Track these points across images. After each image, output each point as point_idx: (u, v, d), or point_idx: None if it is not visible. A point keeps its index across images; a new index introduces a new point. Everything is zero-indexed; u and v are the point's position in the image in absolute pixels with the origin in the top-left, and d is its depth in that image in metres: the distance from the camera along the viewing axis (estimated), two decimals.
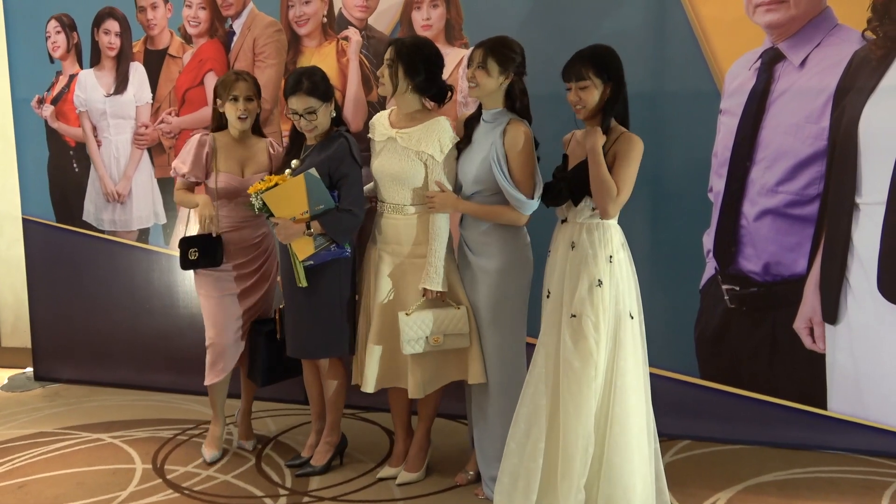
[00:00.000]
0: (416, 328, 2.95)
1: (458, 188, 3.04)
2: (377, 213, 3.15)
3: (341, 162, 3.03)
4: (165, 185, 4.37)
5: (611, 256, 2.71)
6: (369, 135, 3.16)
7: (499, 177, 2.87)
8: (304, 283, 3.06)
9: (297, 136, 3.21)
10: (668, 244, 3.64)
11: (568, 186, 2.76)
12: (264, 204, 3.00)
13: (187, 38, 4.28)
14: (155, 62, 4.34)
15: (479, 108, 3.03)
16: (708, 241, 3.61)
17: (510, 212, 2.93)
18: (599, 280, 2.67)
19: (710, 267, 3.62)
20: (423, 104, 3.05)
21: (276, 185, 2.98)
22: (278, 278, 3.38)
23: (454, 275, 3.06)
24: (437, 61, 3.01)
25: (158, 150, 4.41)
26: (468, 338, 3.00)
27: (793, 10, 3.37)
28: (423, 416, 3.26)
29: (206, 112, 4.11)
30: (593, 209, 2.72)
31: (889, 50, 3.31)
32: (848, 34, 3.34)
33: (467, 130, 3.04)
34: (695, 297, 3.64)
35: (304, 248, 3.02)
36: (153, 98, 4.38)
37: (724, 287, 3.60)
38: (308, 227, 2.99)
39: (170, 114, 4.35)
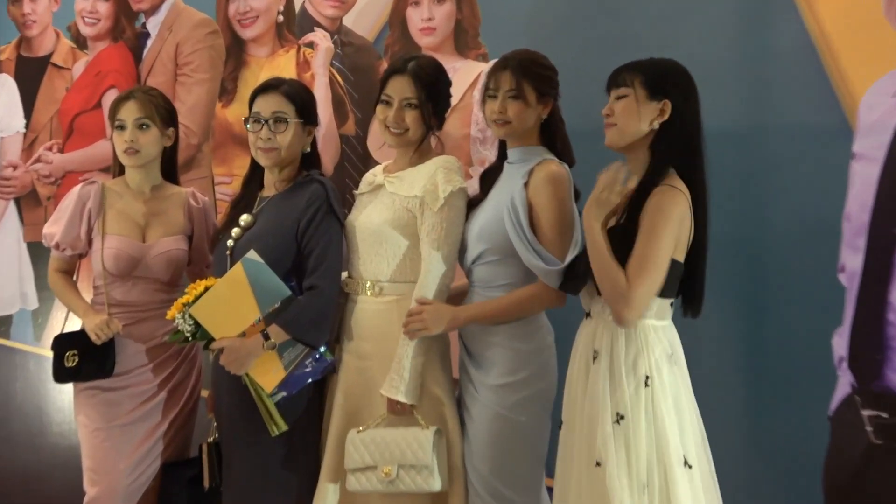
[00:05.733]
0: (364, 453, 2.54)
1: (461, 252, 2.70)
2: (347, 299, 2.78)
3: (315, 216, 2.63)
4: (39, 252, 3.80)
5: (647, 377, 2.30)
6: (356, 191, 2.89)
7: (511, 230, 2.44)
8: (283, 428, 2.59)
9: (251, 182, 2.83)
10: (777, 348, 3.01)
11: (587, 263, 2.33)
12: (196, 325, 2.56)
13: (80, 42, 3.90)
14: (32, 74, 3.97)
15: (499, 156, 2.67)
16: (840, 344, 2.93)
17: (537, 293, 2.44)
18: (620, 414, 2.30)
19: (845, 382, 2.93)
20: (431, 139, 2.79)
21: (205, 290, 2.56)
22: (204, 394, 2.93)
23: (443, 387, 2.62)
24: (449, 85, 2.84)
25: (32, 203, 4.02)
26: (434, 474, 2.52)
27: None
28: None
29: (104, 147, 3.68)
30: None
31: None
32: None
33: (485, 185, 2.70)
34: (822, 425, 2.94)
35: (268, 374, 2.57)
36: (26, 126, 4.03)
37: (865, 413, 2.91)
38: (266, 338, 2.56)
39: (50, 149, 3.95)
